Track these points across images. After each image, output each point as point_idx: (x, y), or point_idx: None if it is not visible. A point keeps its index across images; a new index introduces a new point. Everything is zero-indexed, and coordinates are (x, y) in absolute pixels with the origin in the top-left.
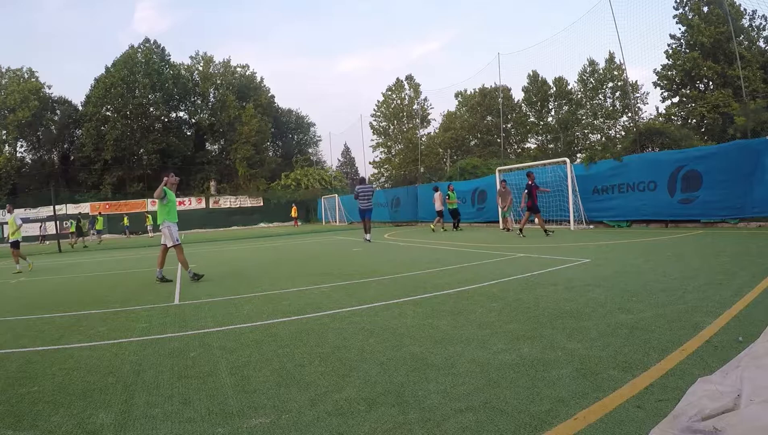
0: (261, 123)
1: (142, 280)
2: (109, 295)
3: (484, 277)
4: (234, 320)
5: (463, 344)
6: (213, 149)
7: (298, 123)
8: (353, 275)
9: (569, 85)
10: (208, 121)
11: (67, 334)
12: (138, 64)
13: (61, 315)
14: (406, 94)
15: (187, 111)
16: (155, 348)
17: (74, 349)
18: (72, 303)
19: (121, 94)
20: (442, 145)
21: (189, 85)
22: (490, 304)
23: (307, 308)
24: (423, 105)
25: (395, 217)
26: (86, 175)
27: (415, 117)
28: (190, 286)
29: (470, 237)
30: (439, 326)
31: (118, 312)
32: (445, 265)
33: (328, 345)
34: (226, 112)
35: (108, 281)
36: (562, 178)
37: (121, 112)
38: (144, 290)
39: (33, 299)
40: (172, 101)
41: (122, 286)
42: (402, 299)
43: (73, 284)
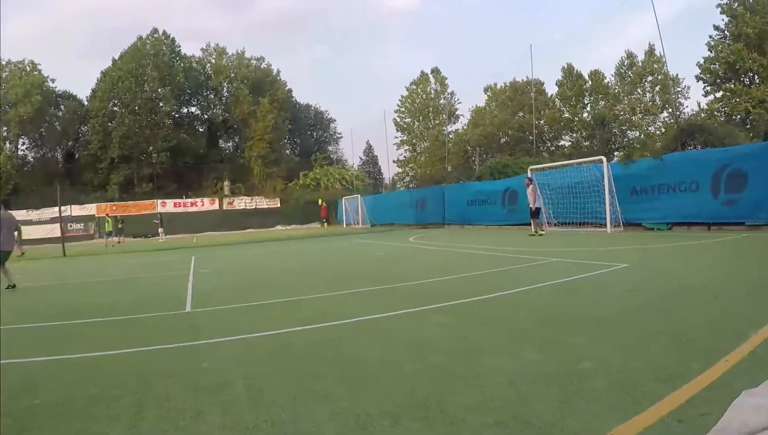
0: (277, 119)
1: (151, 286)
2: (115, 301)
3: (516, 282)
4: (248, 329)
5: (492, 354)
6: (227, 147)
7: (317, 119)
8: (375, 281)
9: (606, 78)
10: (222, 117)
11: (71, 344)
12: (147, 57)
13: (64, 323)
14: (431, 88)
15: (199, 106)
16: (165, 358)
17: (78, 359)
18: (76, 311)
19: (129, 88)
20: (470, 143)
21: (201, 79)
22: (521, 311)
23: (326, 316)
24: (450, 100)
25: (421, 219)
26: (92, 175)
27: (442, 113)
28: (202, 293)
29: (501, 240)
30: (467, 335)
31: (125, 320)
32: (473, 270)
33: (347, 355)
34: (240, 108)
35: (114, 287)
36: (598, 178)
37: (128, 108)
38: (153, 297)
39: (34, 307)
40: (183, 96)
41: (129, 292)
42: (427, 307)
43: (78, 290)
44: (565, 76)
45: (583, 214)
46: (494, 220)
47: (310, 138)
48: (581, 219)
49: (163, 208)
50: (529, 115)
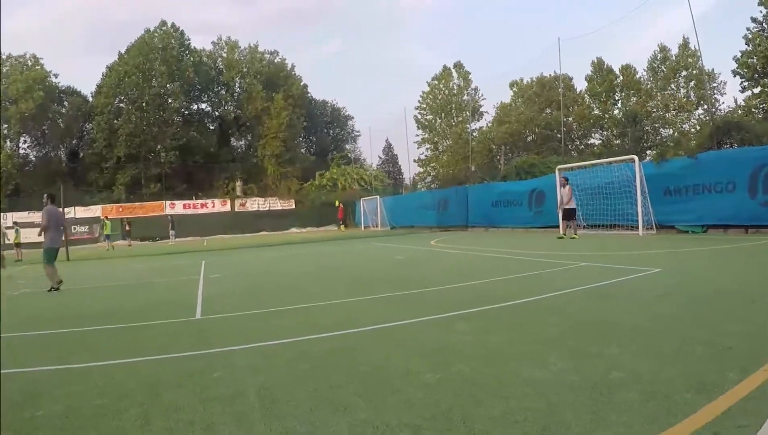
0: (292, 116)
1: (159, 291)
2: (122, 308)
3: (543, 288)
4: (262, 337)
5: (519, 363)
6: (239, 145)
7: (334, 116)
8: (396, 286)
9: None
10: (233, 114)
11: (75, 352)
12: (155, 50)
13: (69, 331)
14: (454, 83)
15: (210, 102)
16: (174, 367)
17: (83, 368)
18: (80, 317)
19: (136, 83)
20: (495, 141)
21: (211, 74)
22: (549, 318)
23: (344, 323)
24: (473, 96)
25: (443, 221)
26: (97, 174)
27: (465, 109)
28: (214, 299)
29: (528, 243)
30: (492, 343)
31: (133, 327)
32: (498, 274)
33: (367, 364)
34: (253, 104)
35: (121, 293)
36: (629, 178)
37: (136, 104)
38: (161, 303)
39: (37, 313)
40: (192, 91)
41: (137, 298)
42: (451, 313)
43: (83, 296)
44: (595, 71)
45: (613, 216)
46: (520, 223)
47: (327, 136)
48: (612, 221)
49: (172, 209)
50: (557, 111)
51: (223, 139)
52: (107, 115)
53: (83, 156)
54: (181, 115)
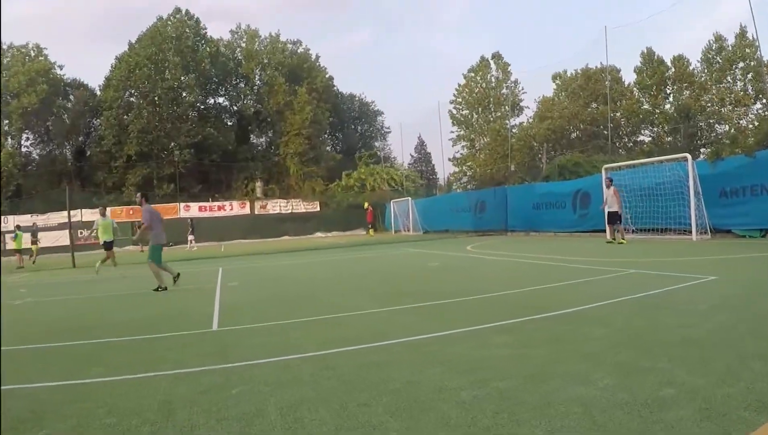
0: (317, 111)
1: (173, 301)
2: (133, 319)
3: (588, 297)
4: (285, 350)
5: (562, 379)
6: (259, 143)
7: (362, 111)
8: (429, 296)
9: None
10: (253, 109)
11: (84, 367)
12: (168, 40)
13: (77, 343)
14: (492, 75)
15: (228, 96)
16: (189, 383)
17: (92, 384)
18: (89, 329)
19: (148, 75)
20: (536, 138)
21: (229, 66)
22: (594, 330)
23: (374, 335)
24: (513, 89)
25: (479, 225)
26: (105, 174)
27: (504, 104)
28: (232, 309)
29: (572, 249)
30: (534, 357)
31: (146, 340)
32: (540, 283)
33: (398, 380)
34: (274, 98)
35: (131, 303)
36: (681, 178)
37: (147, 98)
38: (176, 314)
39: (43, 324)
40: (209, 84)
41: (150, 308)
42: (488, 325)
43: (91, 306)
44: (645, 63)
45: (664, 220)
46: (563, 227)
47: (354, 132)
48: (663, 225)
49: (187, 212)
50: (603, 106)
51: (242, 136)
52: (116, 110)
53: (90, 154)
54: (196, 110)
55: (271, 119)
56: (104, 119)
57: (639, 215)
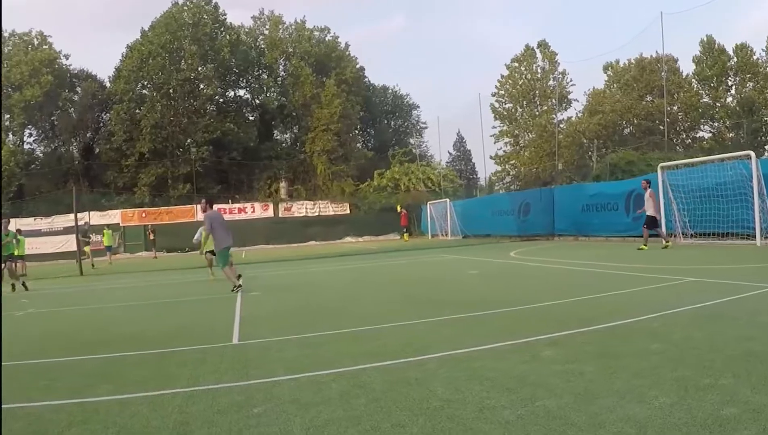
0: (346, 104)
1: (190, 312)
2: (147, 331)
3: (643, 308)
4: (312, 366)
5: (615, 397)
6: (283, 139)
7: (395, 104)
8: (469, 306)
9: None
10: (277, 102)
11: (92, 384)
12: (184, 27)
13: (83, 358)
14: (538, 66)
15: (249, 89)
16: (207, 402)
17: (100, 403)
18: (97, 342)
19: (162, 66)
20: (586, 134)
21: (251, 55)
22: (650, 344)
23: (409, 349)
24: (561, 80)
25: (524, 229)
26: (116, 174)
27: (551, 97)
28: (254, 321)
29: (625, 255)
30: (584, 373)
31: (159, 354)
32: (590, 292)
33: (436, 398)
34: (300, 90)
35: (145, 314)
36: (744, 177)
37: (161, 91)
38: (193, 326)
39: (48, 337)
40: (229, 76)
41: (164, 320)
42: (534, 338)
43: (100, 317)
44: (704, 52)
45: (725, 223)
46: (616, 231)
47: (387, 128)
48: (724, 229)
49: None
50: (659, 99)
51: (265, 132)
52: (128, 103)
53: (99, 152)
54: (215, 103)
55: (297, 113)
56: (114, 113)
57: (698, 219)
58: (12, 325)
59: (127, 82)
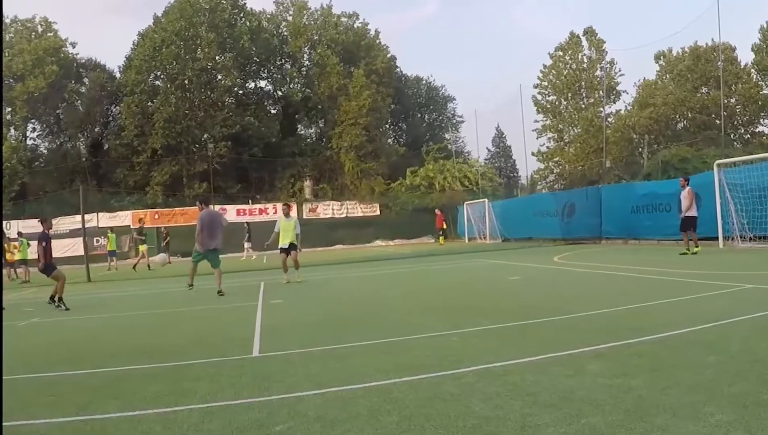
0: (376, 96)
1: (207, 322)
2: (159, 342)
3: (696, 317)
4: (338, 380)
5: (668, 414)
6: (308, 134)
7: (429, 97)
8: (509, 315)
9: None
10: (301, 94)
11: (99, 399)
12: (200, 13)
13: (91, 372)
14: (584, 55)
15: (271, 79)
16: (225, 419)
17: (109, 420)
18: (106, 354)
19: (177, 55)
20: (636, 129)
21: (273, 43)
22: (705, 356)
23: (444, 362)
24: (608, 71)
25: (568, 232)
26: (126, 172)
27: (598, 88)
28: (276, 331)
29: (677, 260)
30: (633, 388)
31: (173, 367)
32: (640, 300)
33: (473, 415)
34: (326, 81)
35: (158, 323)
36: None
37: (176, 82)
38: (209, 337)
39: (52, 349)
40: (249, 65)
41: (178, 330)
42: (579, 349)
43: (109, 327)
44: (765, 39)
45: None
46: (668, 233)
47: (421, 122)
48: None
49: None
50: (715, 91)
51: (288, 127)
52: (139, 95)
53: (108, 148)
54: (233, 95)
55: (322, 106)
56: (125, 106)
57: (757, 220)
58: (14, 335)
59: (139, 72)
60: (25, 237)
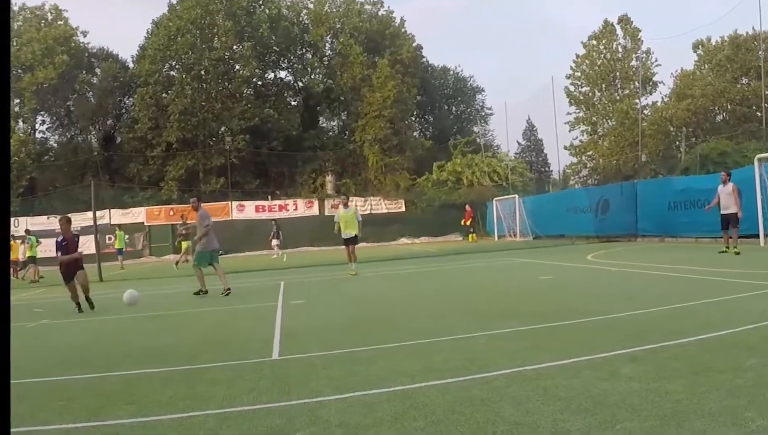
0: (401, 88)
1: (224, 323)
2: (174, 345)
3: (737, 319)
4: (362, 384)
5: (707, 420)
6: (330, 127)
7: (457, 88)
8: (540, 317)
9: None
10: (323, 85)
11: (112, 404)
12: (217, 0)
13: (103, 375)
14: (618, 44)
15: (291, 70)
16: (243, 425)
17: (121, 426)
18: (118, 357)
19: (193, 44)
20: (673, 122)
21: (294, 32)
22: (745, 359)
23: (472, 366)
24: (644, 61)
25: (602, 229)
26: (140, 166)
27: (633, 79)
28: (296, 333)
29: (716, 259)
30: (670, 393)
31: (187, 371)
32: (677, 301)
33: (503, 421)
34: (349, 72)
35: (173, 325)
36: None
37: (192, 72)
38: (226, 339)
39: (63, 351)
40: (268, 55)
41: (193, 332)
42: (614, 352)
43: (121, 329)
44: None
45: None
46: (707, 231)
47: (448, 114)
48: None
49: (241, 212)
50: (756, 82)
51: (309, 119)
52: (153, 86)
53: (121, 141)
54: (252, 86)
55: (345, 98)
56: (138, 98)
57: None
58: (23, 337)
59: (153, 62)
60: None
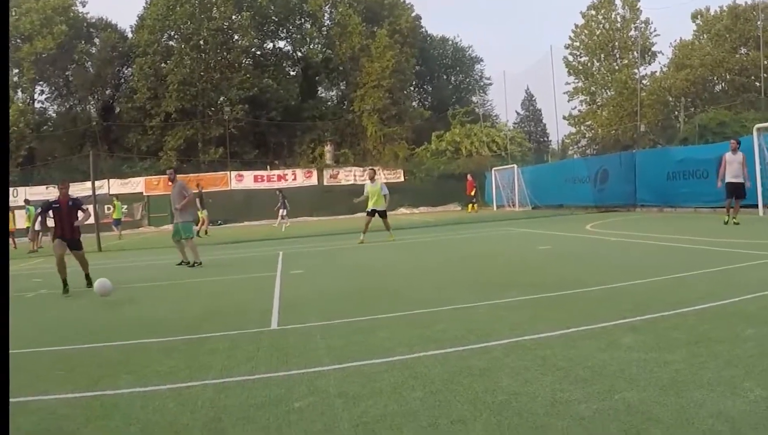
0: (400, 57)
1: (223, 293)
2: (173, 315)
3: (736, 288)
4: (361, 354)
5: (705, 389)
6: (328, 97)
7: (456, 58)
8: (539, 287)
9: None
10: (322, 55)
11: (111, 374)
12: None
13: (102, 345)
14: (617, 13)
15: (290, 40)
16: (242, 395)
17: (121, 396)
18: (118, 327)
19: (191, 14)
20: (672, 92)
21: (292, 2)
22: (744, 329)
23: (471, 336)
24: (643, 30)
25: (601, 200)
26: (138, 136)
27: (632, 49)
28: (295, 303)
29: (716, 229)
30: (669, 363)
31: (187, 341)
32: (676, 271)
33: (501, 391)
34: (347, 42)
35: (173, 295)
36: None
37: (190, 42)
38: (225, 309)
39: (62, 321)
40: (267, 25)
41: (192, 302)
42: (613, 322)
43: (120, 299)
44: None
45: None
46: (706, 201)
47: (447, 84)
48: None
49: (239, 182)
50: (754, 52)
51: (308, 89)
52: (152, 56)
53: (120, 111)
54: (251, 56)
55: (344, 68)
56: (137, 68)
57: None
58: (22, 307)
59: (152, 32)
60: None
